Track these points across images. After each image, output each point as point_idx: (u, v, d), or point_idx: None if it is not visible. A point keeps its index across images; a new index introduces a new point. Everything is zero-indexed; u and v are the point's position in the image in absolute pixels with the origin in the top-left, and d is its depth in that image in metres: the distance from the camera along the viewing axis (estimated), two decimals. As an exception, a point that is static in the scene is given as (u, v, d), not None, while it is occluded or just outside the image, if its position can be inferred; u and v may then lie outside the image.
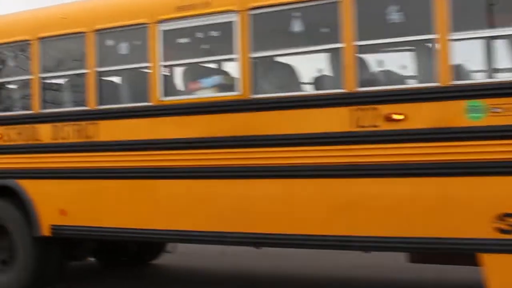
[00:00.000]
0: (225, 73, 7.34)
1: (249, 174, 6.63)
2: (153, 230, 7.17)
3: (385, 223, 6.03)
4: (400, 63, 7.23)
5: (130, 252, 9.93)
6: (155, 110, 7.10)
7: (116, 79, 8.03)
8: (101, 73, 7.53)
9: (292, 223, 6.41)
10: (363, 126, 6.08)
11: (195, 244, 7.51)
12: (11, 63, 8.46)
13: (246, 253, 9.08)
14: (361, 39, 6.14)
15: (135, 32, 7.34)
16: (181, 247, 9.13)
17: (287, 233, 6.46)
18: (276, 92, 6.75)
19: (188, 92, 7.31)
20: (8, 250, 8.25)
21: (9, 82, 8.47)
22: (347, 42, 6.17)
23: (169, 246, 9.54)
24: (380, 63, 7.02)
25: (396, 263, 7.93)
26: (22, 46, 8.14)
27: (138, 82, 7.39)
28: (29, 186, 7.92)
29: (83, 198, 7.56)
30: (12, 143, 8.08)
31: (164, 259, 10.18)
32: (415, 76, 6.95)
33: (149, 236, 7.28)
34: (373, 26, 6.34)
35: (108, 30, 7.46)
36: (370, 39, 6.25)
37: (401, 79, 7.06)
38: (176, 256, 9.88)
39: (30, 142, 7.93)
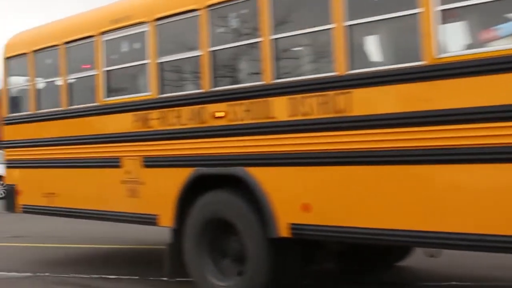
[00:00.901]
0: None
1: None
2: (427, 233, 5.59)
3: None
4: None
5: (373, 254, 8.47)
6: (430, 70, 5.52)
7: (371, 34, 6.51)
8: (351, 28, 6.04)
9: None
10: None
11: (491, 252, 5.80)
12: (230, 25, 7.25)
13: None
14: None
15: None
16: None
17: None
18: None
19: (477, 44, 5.62)
20: (236, 251, 7.19)
21: (229, 48, 7.23)
22: None
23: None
24: None
25: None
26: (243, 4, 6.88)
27: (402, 35, 5.88)
28: (261, 175, 6.70)
29: (332, 190, 6.19)
30: (238, 122, 6.89)
31: (412, 261, 8.79)
32: None
33: (422, 240, 5.70)
34: None
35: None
36: None
37: None
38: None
39: (261, 120, 6.69)
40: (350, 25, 6.02)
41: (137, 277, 8.83)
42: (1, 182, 23.57)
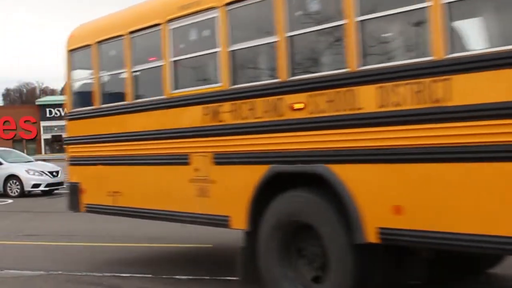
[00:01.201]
0: None
1: None
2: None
3: None
4: None
5: (464, 260, 7.83)
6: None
7: (474, 13, 5.87)
8: (450, 6, 5.43)
9: None
10: None
11: None
12: (309, 7, 6.76)
13: None
14: None
15: None
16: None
17: None
18: None
19: None
20: (315, 257, 6.68)
21: (309, 33, 6.67)
22: None
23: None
24: None
25: None
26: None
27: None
28: (345, 174, 6.17)
29: (428, 190, 5.58)
30: (320, 115, 6.37)
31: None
32: None
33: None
34: None
35: None
36: None
37: None
38: None
39: (345, 112, 6.15)
40: (449, 2, 5.39)
41: (150, 275, 8.79)
42: (14, 181, 23.64)
